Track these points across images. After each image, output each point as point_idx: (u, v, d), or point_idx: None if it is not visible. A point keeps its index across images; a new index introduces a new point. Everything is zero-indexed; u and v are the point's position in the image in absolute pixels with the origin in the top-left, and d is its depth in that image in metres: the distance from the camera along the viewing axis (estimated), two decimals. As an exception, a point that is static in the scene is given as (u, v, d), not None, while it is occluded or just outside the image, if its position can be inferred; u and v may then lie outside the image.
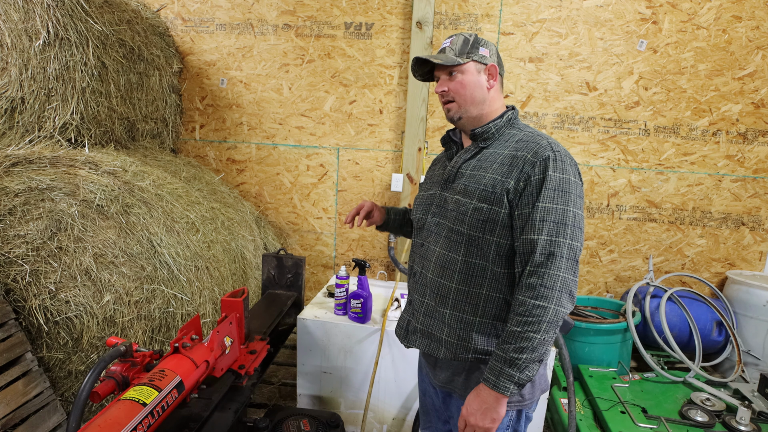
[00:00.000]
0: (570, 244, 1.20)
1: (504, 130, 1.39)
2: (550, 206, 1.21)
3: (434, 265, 1.39)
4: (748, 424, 2.08)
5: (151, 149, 3.21)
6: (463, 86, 1.36)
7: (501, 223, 1.27)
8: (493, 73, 1.39)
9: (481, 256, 1.31)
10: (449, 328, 1.35)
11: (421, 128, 3.24)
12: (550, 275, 1.18)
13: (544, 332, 1.17)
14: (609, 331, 2.70)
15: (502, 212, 1.26)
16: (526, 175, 1.25)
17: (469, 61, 1.36)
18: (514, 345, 1.19)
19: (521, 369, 1.19)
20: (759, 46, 2.96)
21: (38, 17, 2.39)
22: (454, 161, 1.42)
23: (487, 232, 1.29)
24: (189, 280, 2.24)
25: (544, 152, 1.25)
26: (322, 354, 2.27)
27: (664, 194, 3.21)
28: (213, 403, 1.45)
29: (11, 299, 2.08)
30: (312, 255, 3.70)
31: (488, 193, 1.28)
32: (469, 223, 1.31)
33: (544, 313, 1.17)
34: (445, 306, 1.36)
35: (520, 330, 1.18)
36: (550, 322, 1.18)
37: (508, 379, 1.19)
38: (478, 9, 3.17)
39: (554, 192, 1.22)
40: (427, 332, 1.41)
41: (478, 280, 1.31)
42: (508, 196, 1.26)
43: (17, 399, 1.94)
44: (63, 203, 2.12)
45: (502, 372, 1.20)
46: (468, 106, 1.38)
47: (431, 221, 1.43)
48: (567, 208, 1.22)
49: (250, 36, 3.44)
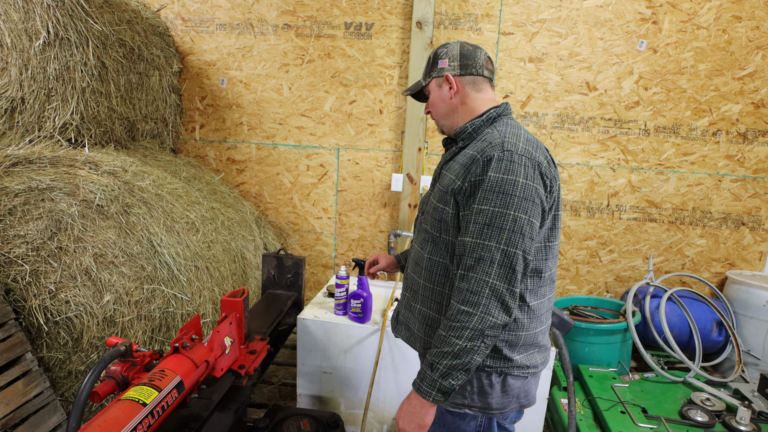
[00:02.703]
0: (505, 249, 1.14)
1: (483, 128, 1.34)
2: (485, 209, 1.16)
3: (411, 261, 1.46)
4: (748, 424, 2.08)
5: (151, 149, 3.21)
6: (432, 105, 1.45)
7: (451, 223, 1.27)
8: (450, 82, 1.37)
9: (440, 255, 1.32)
10: (419, 323, 1.39)
11: (421, 128, 3.24)
12: (477, 280, 1.14)
13: (468, 339, 1.13)
14: (609, 331, 2.70)
15: (451, 212, 1.27)
16: (472, 175, 1.21)
17: (430, 80, 1.43)
18: (437, 349, 1.18)
19: (442, 375, 1.16)
20: (759, 46, 2.96)
21: (38, 17, 2.39)
22: (440, 163, 1.47)
23: (443, 231, 1.30)
24: (189, 280, 2.24)
25: (490, 152, 1.20)
26: (322, 354, 2.27)
27: (664, 194, 3.21)
28: (213, 403, 1.45)
29: (11, 299, 2.08)
30: (312, 255, 3.70)
31: (443, 194, 1.30)
32: (430, 223, 1.35)
33: (468, 319, 1.14)
34: (416, 301, 1.40)
35: (445, 334, 1.17)
36: (475, 329, 1.13)
37: (430, 384, 1.18)
38: (478, 9, 3.17)
39: (492, 194, 1.16)
40: (406, 324, 1.47)
41: (441, 279, 1.32)
42: (456, 197, 1.25)
43: (17, 399, 1.94)
44: (63, 203, 2.12)
45: (425, 376, 1.19)
46: (440, 120, 1.45)
47: (419, 220, 1.49)
48: (505, 211, 1.15)
49: (250, 36, 3.44)
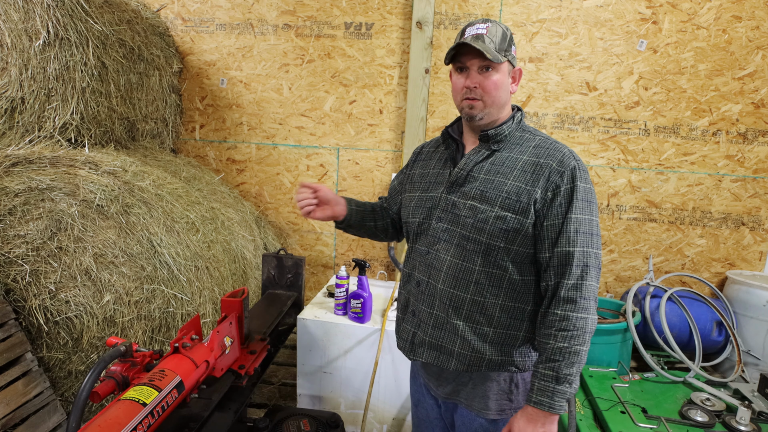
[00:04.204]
0: (596, 253, 1.21)
1: (515, 132, 1.33)
2: (582, 217, 1.21)
3: (445, 275, 1.31)
4: (748, 424, 2.08)
5: (151, 149, 3.21)
6: (496, 87, 1.26)
7: (524, 233, 1.24)
8: (516, 78, 1.34)
9: (498, 266, 1.27)
10: (462, 340, 1.30)
11: (421, 128, 3.24)
12: (587, 287, 1.19)
13: (588, 343, 1.18)
14: (609, 331, 2.70)
15: (528, 222, 1.23)
16: (554, 184, 1.22)
17: (505, 61, 1.27)
18: (564, 361, 1.17)
19: (571, 383, 1.18)
20: (759, 46, 2.96)
21: (38, 17, 2.39)
22: (464, 163, 1.33)
23: (509, 241, 1.25)
24: (189, 280, 2.24)
25: (569, 162, 1.24)
26: (322, 354, 2.27)
27: (664, 194, 3.21)
28: (213, 403, 1.45)
29: (11, 299, 2.08)
30: (312, 255, 3.70)
31: (512, 202, 1.23)
32: (490, 232, 1.25)
33: (586, 325, 1.18)
34: (459, 317, 1.30)
35: (567, 345, 1.17)
36: (591, 332, 1.19)
37: (562, 396, 1.18)
38: (478, 9, 3.17)
39: (583, 203, 1.22)
40: (437, 344, 1.35)
41: (495, 290, 1.28)
42: (536, 206, 1.22)
43: (17, 399, 1.94)
44: (63, 203, 2.12)
45: (555, 392, 1.18)
46: (492, 107, 1.29)
47: (438, 227, 1.34)
48: (592, 219, 1.23)
49: (250, 36, 3.44)
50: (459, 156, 1.40)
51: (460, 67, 1.30)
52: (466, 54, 1.27)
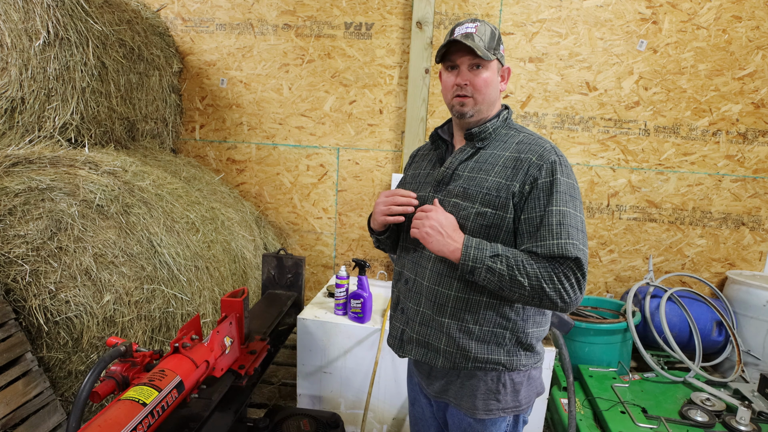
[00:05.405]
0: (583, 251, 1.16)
1: (500, 130, 1.34)
2: (565, 210, 1.17)
3: (430, 272, 1.32)
4: (748, 424, 2.08)
5: (151, 149, 3.21)
6: (486, 84, 1.28)
7: (506, 228, 1.23)
8: (505, 76, 1.35)
9: None
10: (448, 338, 1.30)
11: (421, 128, 3.24)
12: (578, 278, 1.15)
13: (532, 287, 1.14)
14: (609, 331, 2.70)
15: (508, 217, 1.22)
16: (531, 177, 1.20)
17: (494, 59, 1.29)
18: (517, 264, 1.15)
19: (489, 269, 1.16)
20: (759, 46, 2.96)
21: (38, 17, 2.39)
22: (449, 162, 1.35)
23: (491, 237, 1.24)
24: (189, 280, 2.24)
25: (549, 156, 1.22)
26: (322, 354, 2.27)
27: (664, 194, 3.20)
28: (213, 403, 1.45)
29: (11, 299, 2.08)
30: (312, 255, 3.70)
31: (492, 197, 1.23)
32: (471, 229, 1.25)
33: (550, 295, 1.14)
34: (443, 315, 1.30)
35: (531, 270, 1.14)
36: (541, 298, 1.15)
37: (478, 257, 1.17)
38: (478, 9, 3.17)
39: (566, 196, 1.19)
40: (424, 341, 1.35)
41: (479, 288, 1.26)
42: (514, 200, 1.21)
43: (17, 399, 1.94)
44: (63, 203, 2.12)
45: (483, 251, 1.18)
46: (483, 105, 1.31)
47: None
48: (577, 213, 1.19)
49: (250, 36, 3.44)
50: (448, 156, 1.42)
51: (451, 65, 1.32)
52: (456, 52, 1.28)
